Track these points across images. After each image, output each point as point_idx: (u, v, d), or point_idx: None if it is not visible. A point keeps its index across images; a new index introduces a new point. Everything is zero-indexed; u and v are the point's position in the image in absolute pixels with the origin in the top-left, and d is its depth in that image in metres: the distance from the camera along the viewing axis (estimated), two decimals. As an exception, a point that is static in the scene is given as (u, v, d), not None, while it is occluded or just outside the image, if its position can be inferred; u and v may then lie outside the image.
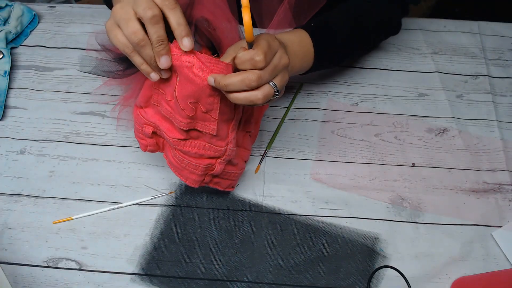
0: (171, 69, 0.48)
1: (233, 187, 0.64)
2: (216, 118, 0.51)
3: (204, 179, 0.58)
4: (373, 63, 0.81)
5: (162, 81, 0.50)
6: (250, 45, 0.44)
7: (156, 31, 0.44)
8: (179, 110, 0.49)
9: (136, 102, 0.56)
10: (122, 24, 0.46)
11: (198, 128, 0.52)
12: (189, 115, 0.49)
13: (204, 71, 0.46)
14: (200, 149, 0.53)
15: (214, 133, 0.52)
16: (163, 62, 0.46)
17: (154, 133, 0.56)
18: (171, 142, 0.53)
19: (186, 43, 0.45)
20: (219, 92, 0.48)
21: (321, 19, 0.64)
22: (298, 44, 0.59)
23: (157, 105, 0.53)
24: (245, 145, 0.63)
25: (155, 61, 0.46)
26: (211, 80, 0.46)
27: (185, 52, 0.46)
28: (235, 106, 0.53)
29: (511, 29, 0.86)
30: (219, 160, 0.55)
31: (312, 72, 0.65)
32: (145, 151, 0.59)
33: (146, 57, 0.47)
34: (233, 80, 0.45)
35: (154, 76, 0.48)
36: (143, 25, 0.45)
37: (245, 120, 0.60)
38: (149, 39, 0.45)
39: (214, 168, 0.56)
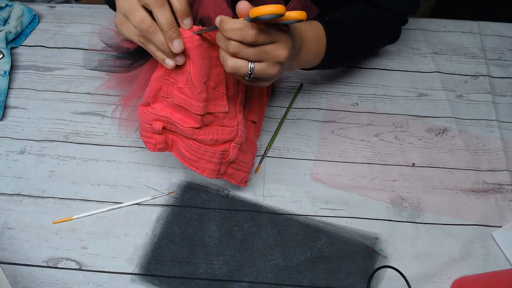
0: (184, 54, 0.48)
1: (246, 182, 0.64)
2: (224, 92, 0.52)
3: (220, 169, 0.58)
4: (373, 63, 0.81)
5: (173, 69, 0.50)
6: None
7: (164, 15, 0.44)
8: (195, 95, 0.50)
9: (142, 101, 0.55)
10: (129, 15, 0.46)
11: (211, 110, 0.53)
12: (205, 97, 0.50)
13: (211, 45, 0.48)
14: (215, 134, 0.55)
15: (226, 109, 0.53)
16: (176, 46, 0.46)
17: (163, 128, 0.56)
18: (186, 132, 0.54)
19: (187, 22, 0.46)
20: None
21: (334, 17, 0.64)
22: (315, 43, 0.59)
23: (167, 97, 0.53)
24: (250, 136, 0.63)
25: (168, 47, 0.46)
26: (217, 19, 0.44)
27: (193, 32, 0.47)
28: (238, 83, 0.55)
29: (511, 29, 0.86)
30: (233, 144, 0.57)
31: (312, 70, 0.65)
32: (154, 150, 0.58)
33: (158, 44, 0.46)
34: (235, 25, 0.42)
35: (170, 62, 0.48)
36: (150, 13, 0.45)
37: (247, 108, 0.62)
38: (157, 24, 0.45)
39: (229, 154, 0.57)
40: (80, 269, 0.61)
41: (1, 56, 0.75)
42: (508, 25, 0.87)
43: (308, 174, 0.69)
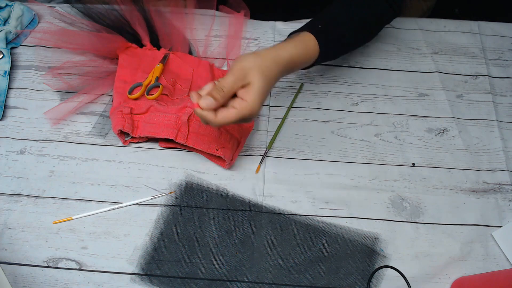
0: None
1: (225, 160, 0.66)
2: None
3: (179, 130, 0.66)
4: (373, 63, 0.81)
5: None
6: None
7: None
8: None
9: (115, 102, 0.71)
10: None
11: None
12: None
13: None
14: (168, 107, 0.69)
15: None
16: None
17: (131, 113, 0.68)
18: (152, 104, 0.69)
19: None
20: None
21: (327, 17, 0.67)
22: (304, 56, 0.62)
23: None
24: None
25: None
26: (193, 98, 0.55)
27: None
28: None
29: (511, 29, 0.86)
30: (185, 109, 0.67)
31: (312, 70, 0.65)
32: (121, 127, 0.66)
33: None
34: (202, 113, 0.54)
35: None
36: None
37: None
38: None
39: (181, 116, 0.66)
40: (80, 269, 0.60)
41: (1, 56, 0.75)
42: (508, 25, 0.86)
43: (308, 174, 0.69)
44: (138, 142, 0.70)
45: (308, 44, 0.62)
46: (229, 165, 0.67)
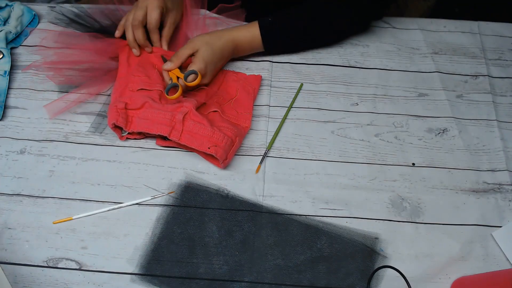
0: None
1: (219, 159, 0.66)
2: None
3: (173, 127, 0.67)
4: (373, 63, 0.81)
5: (140, 69, 0.75)
6: None
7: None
8: (155, 81, 0.75)
9: (112, 99, 0.72)
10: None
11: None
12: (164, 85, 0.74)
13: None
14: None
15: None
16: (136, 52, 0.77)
17: (126, 108, 0.70)
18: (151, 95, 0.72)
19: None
20: None
21: (283, 12, 0.76)
22: (248, 42, 0.76)
23: (132, 90, 0.72)
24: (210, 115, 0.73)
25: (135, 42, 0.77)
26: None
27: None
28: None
29: (511, 29, 0.86)
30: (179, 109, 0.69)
31: (312, 70, 0.68)
32: (115, 121, 0.67)
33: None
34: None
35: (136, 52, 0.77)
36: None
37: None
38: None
39: (176, 115, 0.68)
40: (80, 269, 0.61)
41: (1, 56, 0.76)
42: (508, 25, 0.87)
43: (308, 174, 0.69)
44: (135, 139, 0.70)
45: (251, 29, 0.75)
46: (224, 164, 0.67)
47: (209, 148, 0.65)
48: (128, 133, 0.70)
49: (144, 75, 0.73)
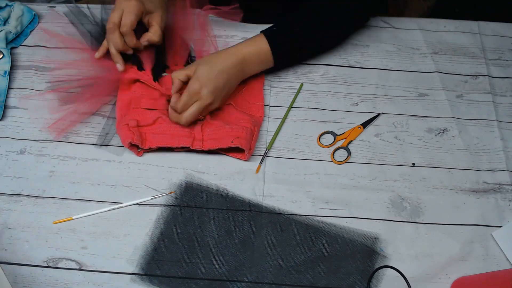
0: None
1: (244, 150, 0.67)
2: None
3: (194, 137, 0.68)
4: (373, 63, 0.81)
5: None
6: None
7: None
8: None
9: (118, 117, 0.71)
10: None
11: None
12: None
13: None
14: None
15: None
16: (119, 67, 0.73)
17: (137, 125, 0.69)
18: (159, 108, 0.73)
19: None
20: None
21: (285, 20, 0.73)
22: (256, 55, 0.71)
23: (136, 107, 0.72)
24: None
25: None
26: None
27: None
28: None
29: (511, 29, 0.86)
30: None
31: (312, 70, 0.66)
32: (130, 140, 0.66)
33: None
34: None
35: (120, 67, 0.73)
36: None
37: None
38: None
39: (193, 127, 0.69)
40: (80, 269, 0.61)
41: (1, 56, 0.76)
42: (508, 25, 0.86)
43: (308, 174, 0.69)
44: (150, 151, 0.69)
45: (260, 44, 0.71)
46: (249, 155, 0.68)
47: (232, 141, 0.66)
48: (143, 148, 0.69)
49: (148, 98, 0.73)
